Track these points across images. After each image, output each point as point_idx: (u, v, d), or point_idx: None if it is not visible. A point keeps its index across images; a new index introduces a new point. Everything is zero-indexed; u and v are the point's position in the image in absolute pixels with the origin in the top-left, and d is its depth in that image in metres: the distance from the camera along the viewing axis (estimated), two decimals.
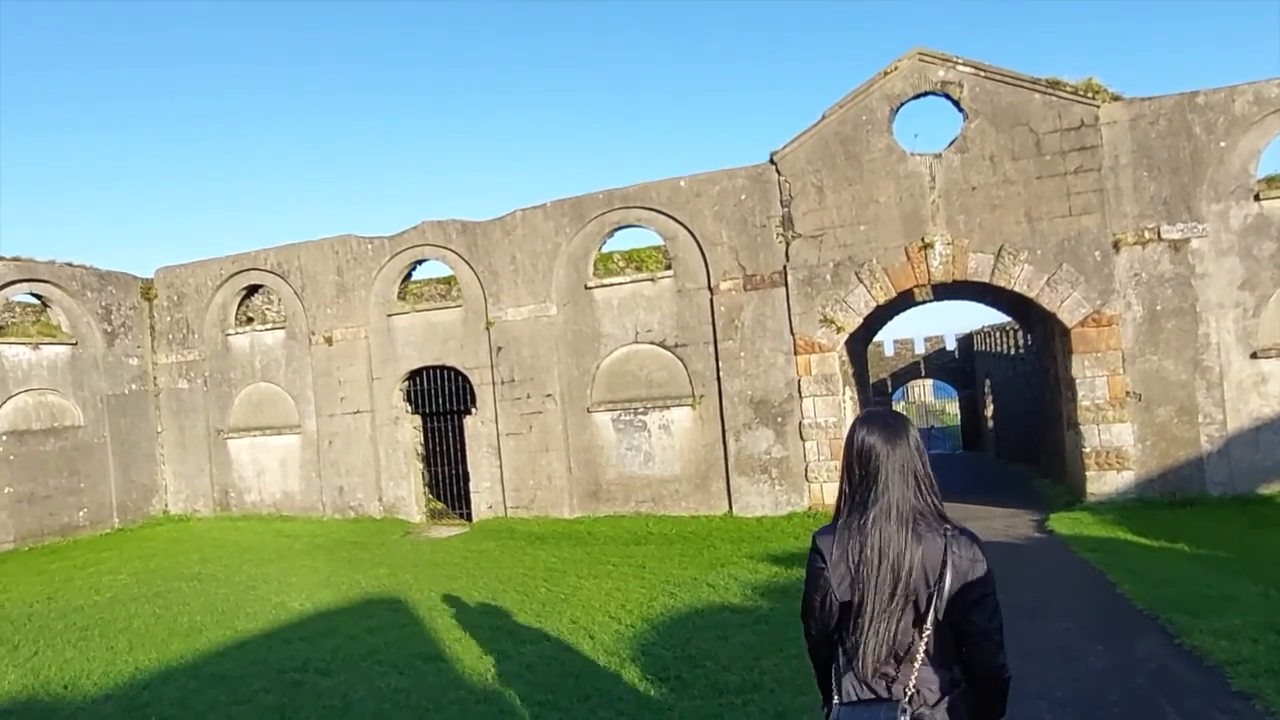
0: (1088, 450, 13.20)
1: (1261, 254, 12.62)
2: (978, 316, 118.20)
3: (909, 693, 2.40)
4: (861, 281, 14.23)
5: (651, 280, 15.69)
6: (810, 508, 14.71)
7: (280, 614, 9.92)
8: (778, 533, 13.91)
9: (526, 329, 16.52)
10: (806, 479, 14.73)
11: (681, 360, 15.58)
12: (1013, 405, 29.34)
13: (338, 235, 18.23)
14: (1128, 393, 13.02)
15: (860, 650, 2.45)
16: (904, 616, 2.41)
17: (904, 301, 21.40)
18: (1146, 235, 12.96)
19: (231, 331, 19.31)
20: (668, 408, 15.70)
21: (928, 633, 2.39)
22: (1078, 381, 13.25)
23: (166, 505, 20.07)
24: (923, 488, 2.49)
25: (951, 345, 42.63)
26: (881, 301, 14.29)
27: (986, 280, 13.62)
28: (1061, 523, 11.99)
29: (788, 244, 14.68)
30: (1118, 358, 13.05)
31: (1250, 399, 12.70)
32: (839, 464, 12.40)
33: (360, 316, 17.86)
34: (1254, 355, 12.63)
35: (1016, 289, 13.46)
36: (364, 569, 12.73)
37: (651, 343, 15.77)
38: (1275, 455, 12.58)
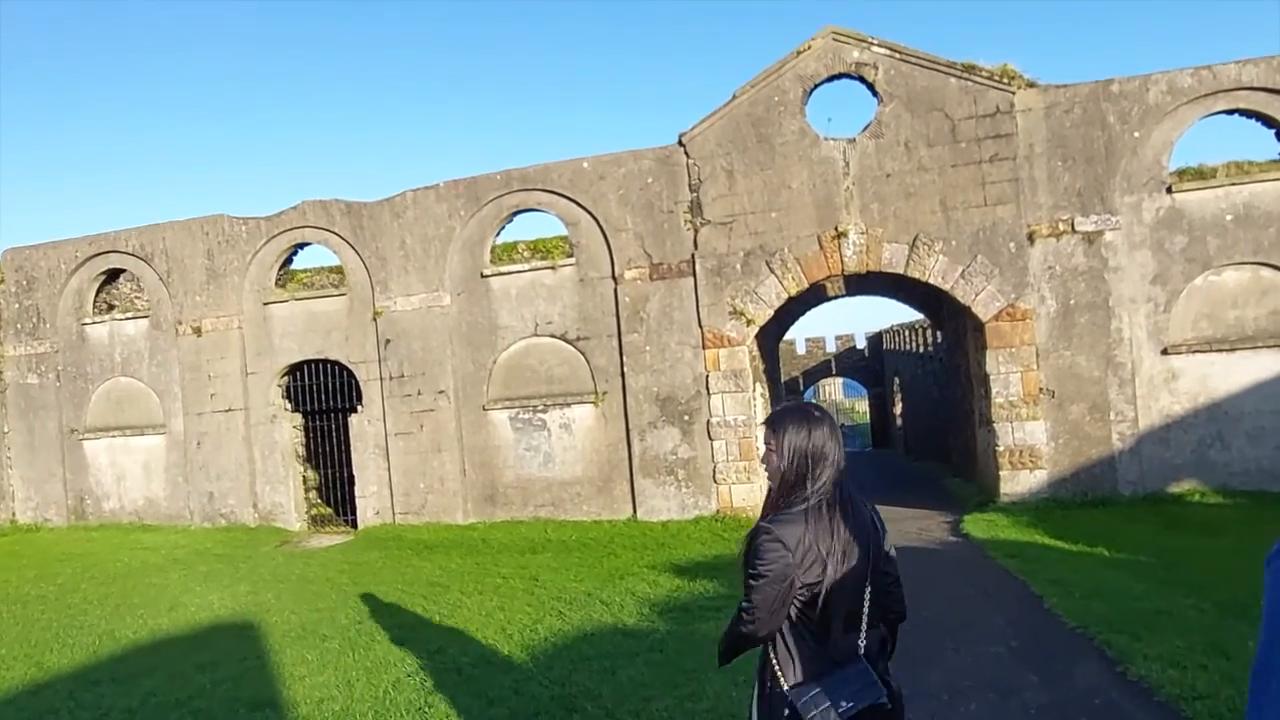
0: (1001, 449, 12.78)
1: (1173, 248, 12.39)
2: (889, 315, 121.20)
3: (862, 650, 2.63)
4: (773, 271, 13.51)
5: (552, 269, 14.64)
6: (719, 511, 13.92)
7: (103, 645, 8.50)
8: (683, 539, 13.06)
9: (417, 320, 15.24)
10: (715, 481, 13.94)
11: (584, 354, 14.59)
12: (922, 403, 29.41)
13: (209, 215, 16.55)
14: (1041, 389, 12.64)
15: (831, 626, 2.60)
16: (856, 581, 2.62)
17: (816, 295, 20.94)
18: (1061, 227, 12.60)
19: (88, 321, 17.38)
20: (569, 405, 14.68)
21: (868, 594, 2.64)
22: (992, 378, 12.82)
23: (14, 514, 17.98)
24: (844, 469, 2.73)
25: (862, 344, 42.90)
26: (793, 293, 13.59)
27: (901, 271, 13.06)
28: (976, 525, 11.48)
29: (696, 231, 13.85)
30: (1032, 353, 12.66)
31: (1161, 396, 12.47)
32: (751, 464, 11.52)
33: (233, 305, 16.24)
34: (1165, 351, 12.41)
35: (931, 281, 12.94)
36: (222, 586, 11.30)
37: (552, 335, 14.72)
38: (1185, 454, 12.38)
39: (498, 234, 15.31)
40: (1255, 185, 12.15)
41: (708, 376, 13.88)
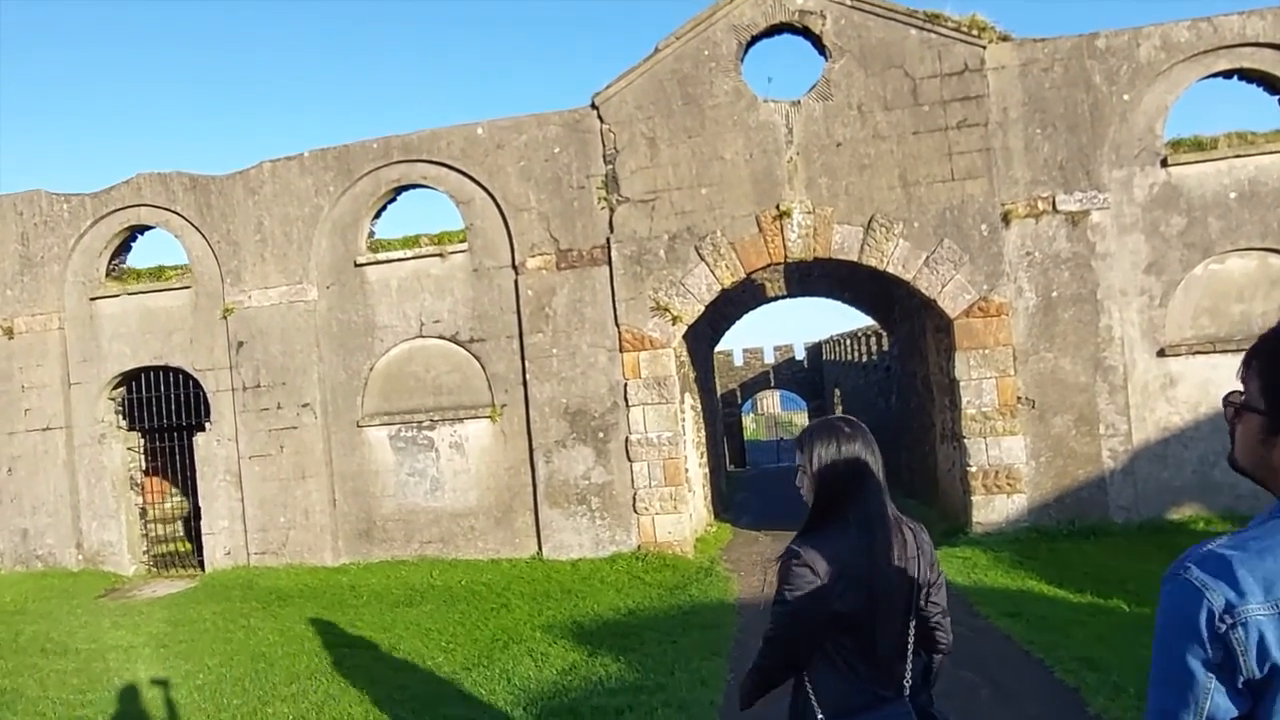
0: (973, 469, 10.73)
1: (1169, 231, 10.55)
2: (831, 324, 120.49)
3: (908, 685, 2.44)
4: (703, 259, 11.26)
5: (440, 256, 12.15)
6: (640, 547, 11.57)
7: None
8: (595, 583, 10.67)
9: (277, 318, 12.58)
10: (635, 510, 11.59)
11: (479, 359, 12.12)
12: (864, 416, 27.53)
13: (23, 191, 13.62)
14: (1020, 398, 10.65)
15: (873, 656, 2.40)
16: (901, 611, 2.44)
17: (754, 296, 18.85)
18: (1040, 206, 10.65)
19: None
20: (461, 420, 12.18)
21: (912, 624, 2.47)
22: (961, 385, 10.77)
23: None
24: (886, 489, 2.52)
25: (801, 355, 41.26)
26: (728, 284, 11.38)
27: (854, 259, 10.95)
28: (951, 564, 9.36)
29: (612, 211, 11.54)
30: (1008, 355, 10.66)
31: (1158, 405, 10.59)
32: (679, 491, 9.24)
33: (53, 300, 13.32)
34: (1161, 352, 10.54)
35: (890, 270, 10.86)
36: None
37: (441, 337, 12.22)
38: (1186, 473, 10.51)
39: (376, 215, 12.77)
40: (1261, 158, 10.40)
41: (626, 385, 11.56)
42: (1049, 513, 10.54)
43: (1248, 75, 10.66)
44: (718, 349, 40.71)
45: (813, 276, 18.10)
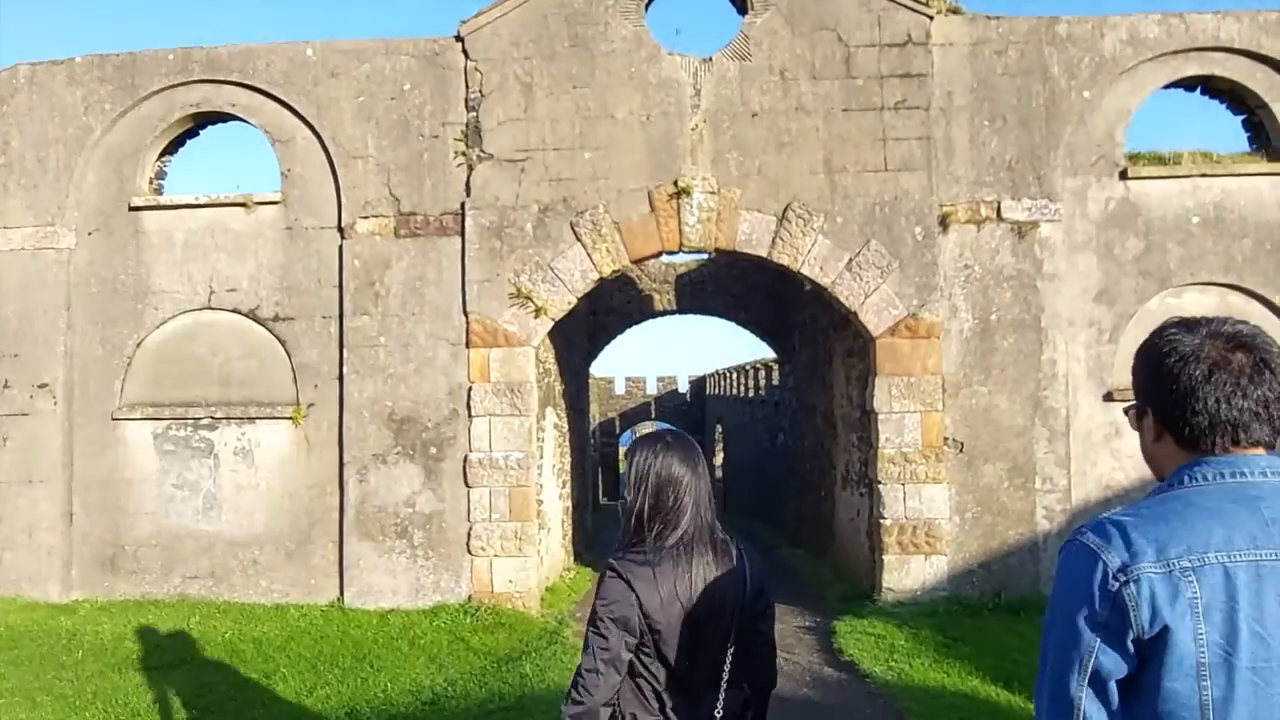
0: (888, 522, 8.79)
1: (1124, 255, 9.04)
2: (722, 350, 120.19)
3: (719, 717, 2.33)
4: (580, 239, 9.03)
5: (245, 207, 9.45)
6: (472, 597, 9.08)
7: None
8: (404, 646, 8.12)
9: (15, 268, 9.55)
10: (469, 550, 9.10)
11: (283, 344, 9.44)
12: (747, 453, 25.95)
13: None
14: (946, 439, 8.83)
15: (688, 683, 2.30)
16: (718, 638, 2.32)
17: (641, 309, 16.74)
18: (983, 211, 8.96)
19: None
20: (253, 421, 9.43)
21: (730, 652, 2.35)
22: (880, 418, 8.87)
23: None
24: (713, 508, 2.44)
25: (684, 387, 39.62)
26: (608, 273, 9.17)
27: (763, 254, 8.96)
28: (861, 644, 7.32)
29: (471, 169, 9.17)
30: (936, 386, 8.84)
31: (1100, 458, 8.98)
32: (527, 527, 6.85)
33: None
34: (1109, 396, 8.95)
35: (805, 271, 8.91)
36: None
37: (237, 311, 9.48)
38: None
39: (169, 151, 9.97)
40: (1228, 181, 9.05)
41: (471, 390, 9.13)
42: (973, 580, 8.71)
43: (1215, 89, 9.37)
44: (599, 374, 38.59)
45: (706, 291, 16.19)
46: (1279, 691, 1.32)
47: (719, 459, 33.32)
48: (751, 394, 25.58)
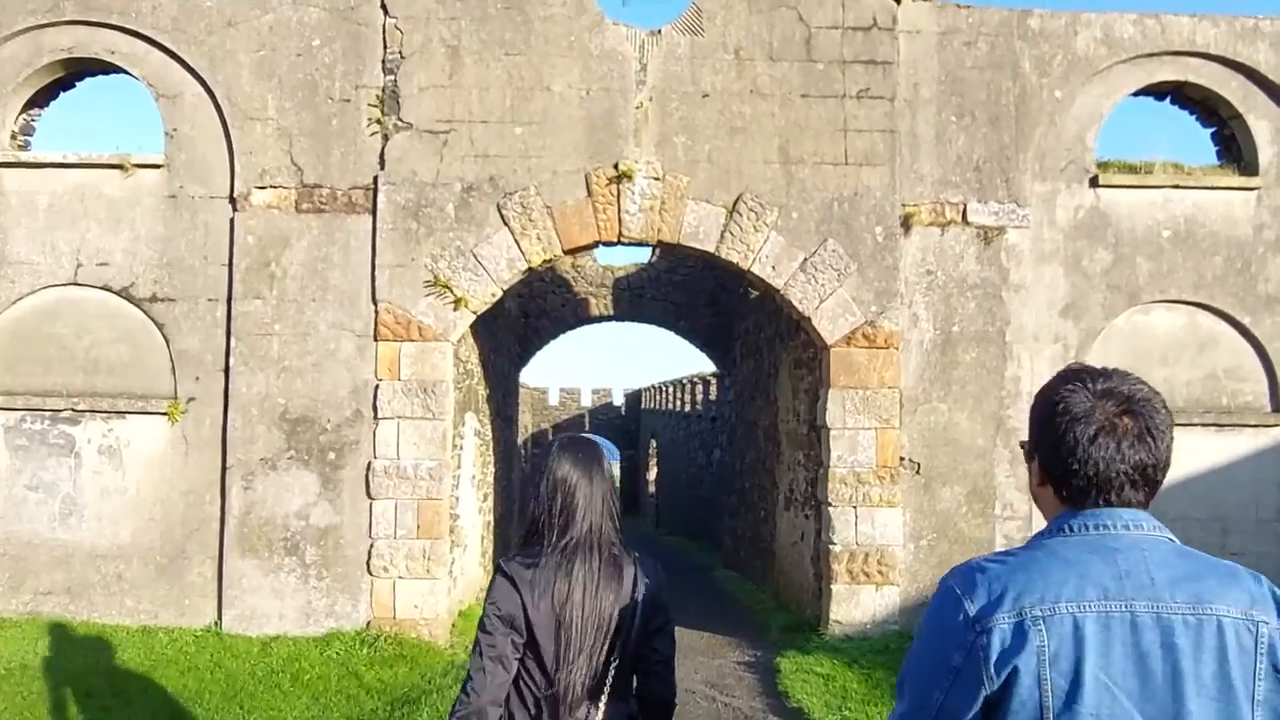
0: (837, 548, 8.00)
1: (1093, 267, 8.47)
2: (660, 363, 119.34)
3: None
4: (508, 223, 8.07)
5: (121, 169, 8.24)
6: (371, 623, 7.98)
7: None
8: (286, 681, 7.00)
9: None
10: (369, 570, 8.01)
11: (161, 328, 8.23)
12: (682, 469, 25.18)
13: None
14: (903, 459, 8.10)
15: (563, 692, 2.25)
16: (603, 651, 2.28)
17: (575, 313, 15.79)
18: (948, 214, 8.30)
19: None
20: (123, 416, 8.19)
21: (614, 665, 2.30)
22: (833, 434, 8.09)
23: None
24: (614, 517, 2.40)
25: (620, 401, 38.75)
26: (537, 263, 8.22)
27: (710, 249, 8.13)
28: (808, 687, 6.47)
29: (387, 139, 8.15)
30: (894, 401, 8.11)
31: None
32: (437, 546, 6.07)
33: None
34: None
35: (756, 270, 8.10)
36: None
37: (108, 288, 8.24)
38: None
39: (38, 104, 8.70)
40: (1199, 194, 8.57)
41: (378, 388, 8.06)
42: (921, 615, 7.96)
43: (1187, 98, 8.92)
44: (533, 384, 37.46)
45: (645, 297, 15.34)
46: None
47: (653, 475, 32.50)
48: (688, 409, 24.84)
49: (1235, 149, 8.87)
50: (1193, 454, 8.41)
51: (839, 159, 8.13)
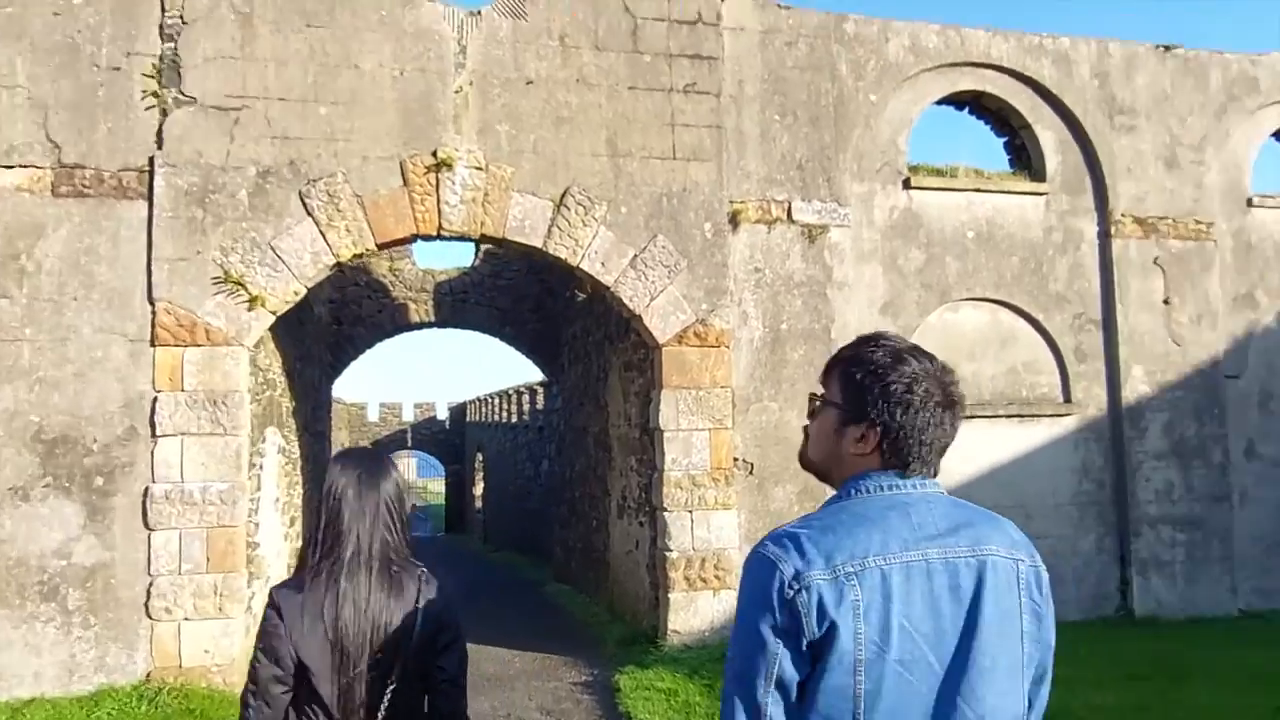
0: (674, 555, 7.76)
1: (908, 266, 8.77)
2: (483, 378, 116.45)
3: None
4: (312, 213, 7.27)
5: None
6: (153, 674, 6.89)
7: None
8: None
9: None
10: (149, 613, 6.92)
11: None
12: (510, 482, 24.49)
13: None
14: (737, 460, 8.00)
15: (340, 717, 2.15)
16: (377, 672, 2.18)
17: (393, 319, 14.85)
18: (774, 211, 8.32)
19: None
20: None
21: (392, 687, 2.18)
22: (666, 437, 7.87)
23: None
24: (396, 530, 2.28)
25: (443, 414, 37.39)
26: (347, 257, 7.47)
27: (538, 244, 7.70)
28: (653, 708, 6.11)
29: (166, 114, 7.14)
30: (726, 400, 7.99)
31: None
32: (231, 580, 5.44)
33: None
34: None
35: (585, 266, 7.76)
36: None
37: None
38: None
39: None
40: (998, 198, 9.11)
41: (156, 401, 7.01)
42: None
43: (984, 108, 9.47)
44: (350, 399, 35.41)
45: (469, 302, 14.66)
46: (920, 679, 1.43)
47: (479, 490, 31.50)
48: (515, 419, 24.20)
49: (1025, 157, 9.51)
50: (999, 444, 8.88)
51: (667, 153, 7.96)
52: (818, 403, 1.66)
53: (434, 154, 7.45)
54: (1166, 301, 9.47)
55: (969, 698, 1.44)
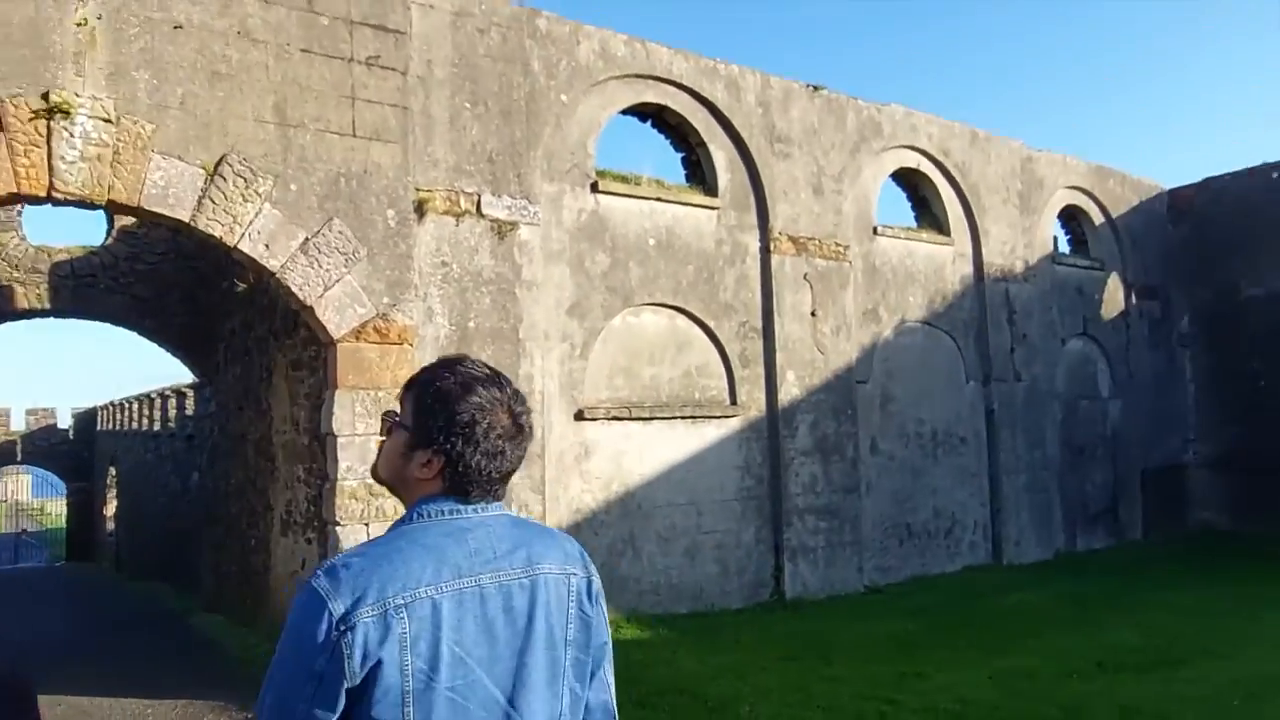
0: None
1: (594, 269, 8.84)
2: (124, 382, 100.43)
3: None
4: None
5: None
6: None
7: None
8: None
9: None
10: None
11: None
12: (151, 500, 21.39)
13: None
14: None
15: None
16: None
17: None
18: (463, 204, 7.94)
19: None
20: None
21: None
22: (340, 442, 7.12)
23: None
24: None
25: (66, 423, 31.82)
26: None
27: (184, 218, 6.58)
28: None
29: None
30: None
31: (572, 481, 8.53)
32: None
33: None
34: (580, 415, 8.59)
35: (245, 247, 6.79)
36: None
37: None
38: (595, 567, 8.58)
39: None
40: (677, 208, 9.54)
41: None
42: None
43: (666, 124, 9.89)
44: None
45: (99, 289, 12.40)
46: (478, 704, 1.46)
47: (111, 509, 27.13)
48: (159, 427, 21.17)
49: (701, 173, 10.09)
50: (675, 444, 9.27)
51: (346, 129, 7.24)
52: (391, 421, 1.67)
53: (44, 97, 6.06)
54: (814, 314, 10.55)
55: (523, 709, 1.50)
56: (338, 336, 7.12)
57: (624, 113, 9.43)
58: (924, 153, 11.98)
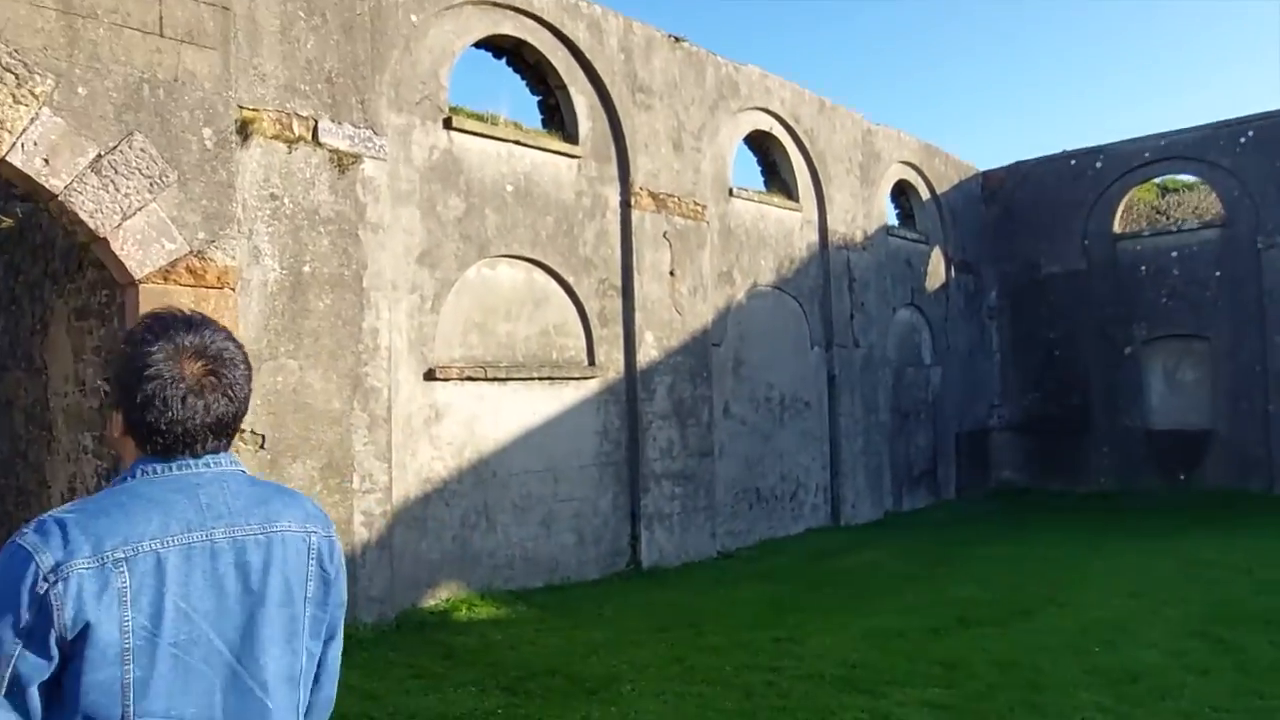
0: None
1: (448, 214, 7.97)
2: None
3: None
4: None
5: None
6: None
7: None
8: None
9: None
10: None
11: None
12: None
13: None
14: (244, 431, 6.38)
15: None
16: None
17: None
18: (297, 129, 6.83)
19: None
20: None
21: None
22: None
23: None
24: None
25: None
26: None
27: None
28: None
29: None
30: None
31: (420, 446, 7.68)
32: None
33: None
34: (430, 375, 7.73)
35: (16, 162, 5.41)
36: None
37: None
38: (445, 541, 7.78)
39: None
40: (536, 154, 8.80)
41: None
42: None
43: (524, 62, 9.10)
44: None
45: None
46: (198, 660, 1.42)
47: None
48: None
49: (559, 118, 9.41)
50: (532, 407, 8.64)
51: (152, 26, 5.97)
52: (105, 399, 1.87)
53: None
54: (672, 273, 10.20)
55: (250, 666, 1.47)
56: (140, 276, 5.89)
57: (479, 45, 8.57)
58: (777, 116, 11.90)
